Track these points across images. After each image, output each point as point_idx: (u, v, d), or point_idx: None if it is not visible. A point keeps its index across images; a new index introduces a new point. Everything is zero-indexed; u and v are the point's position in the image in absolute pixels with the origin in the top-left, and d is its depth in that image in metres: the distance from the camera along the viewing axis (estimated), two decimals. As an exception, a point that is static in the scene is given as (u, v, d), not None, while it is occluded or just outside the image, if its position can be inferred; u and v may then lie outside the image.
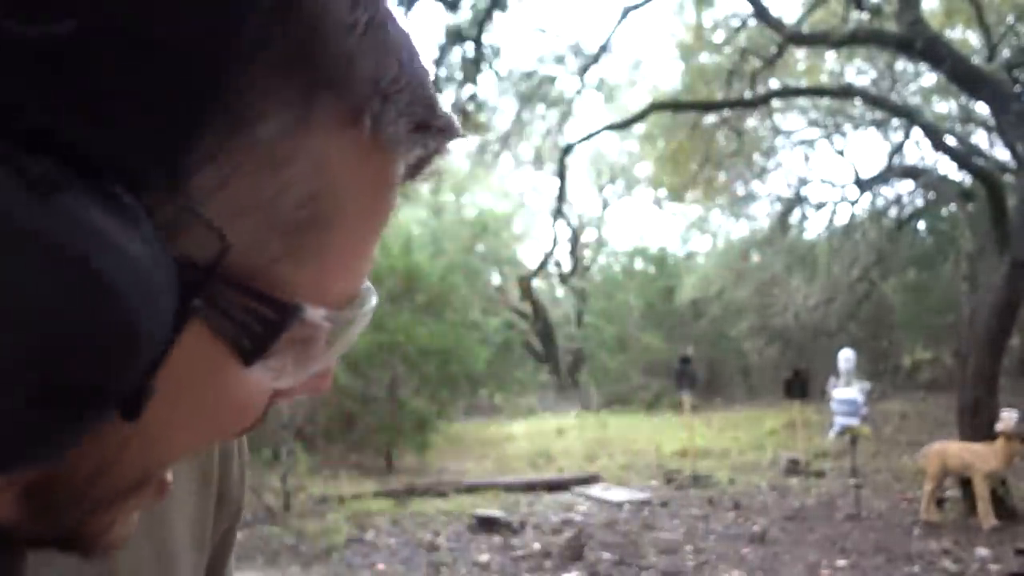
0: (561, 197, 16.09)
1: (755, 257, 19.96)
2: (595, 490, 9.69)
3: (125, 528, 0.37)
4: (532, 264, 26.78)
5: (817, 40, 9.71)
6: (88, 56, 0.24)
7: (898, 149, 16.60)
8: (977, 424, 7.68)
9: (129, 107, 0.25)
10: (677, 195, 18.56)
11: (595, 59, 11.61)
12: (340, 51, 0.30)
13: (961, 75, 8.12)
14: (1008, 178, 10.10)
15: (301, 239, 0.31)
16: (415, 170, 0.36)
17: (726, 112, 12.76)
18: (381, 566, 6.49)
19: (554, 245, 25.41)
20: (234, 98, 0.28)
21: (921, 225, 17.49)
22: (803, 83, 13.82)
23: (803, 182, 18.27)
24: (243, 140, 0.29)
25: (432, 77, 0.35)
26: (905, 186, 16.78)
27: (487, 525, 7.51)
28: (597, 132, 13.59)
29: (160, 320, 0.27)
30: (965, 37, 13.58)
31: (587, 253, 28.87)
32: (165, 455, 0.35)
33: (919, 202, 16.79)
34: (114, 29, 0.24)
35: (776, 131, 17.21)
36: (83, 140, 0.25)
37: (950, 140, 12.00)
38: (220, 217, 0.29)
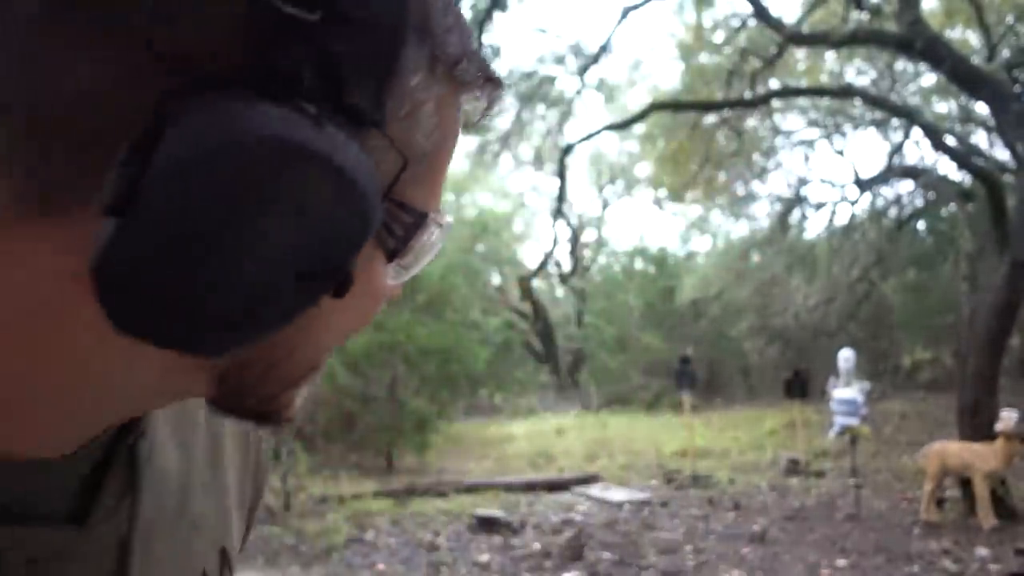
0: (561, 197, 16.11)
1: (755, 257, 19.95)
2: (595, 490, 9.69)
3: (296, 406, 0.46)
4: (532, 264, 26.79)
5: (817, 40, 9.71)
6: (331, 33, 0.34)
7: (898, 149, 16.61)
8: (977, 424, 7.68)
9: (356, 68, 0.35)
10: (677, 195, 18.55)
11: (595, 59, 11.61)
12: (444, 24, 0.41)
13: (961, 75, 8.12)
14: (1008, 178, 10.10)
15: (421, 165, 0.42)
16: (483, 115, 0.47)
17: (726, 112, 12.76)
18: (381, 566, 6.49)
19: (554, 245, 25.44)
20: (402, 60, 0.38)
21: (921, 225, 17.49)
22: (803, 83, 13.82)
23: (803, 182, 18.27)
24: (403, 89, 0.39)
25: None
26: (905, 186, 16.79)
27: (487, 525, 7.52)
28: (597, 132, 13.60)
29: (377, 215, 0.36)
30: (965, 37, 13.59)
31: (587, 253, 28.87)
32: (333, 340, 0.44)
33: (919, 202, 16.79)
34: (343, 15, 0.34)
35: (776, 131, 17.21)
36: (333, 90, 0.35)
37: (950, 140, 12.00)
38: (412, 144, 0.40)
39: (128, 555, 0.47)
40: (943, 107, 15.62)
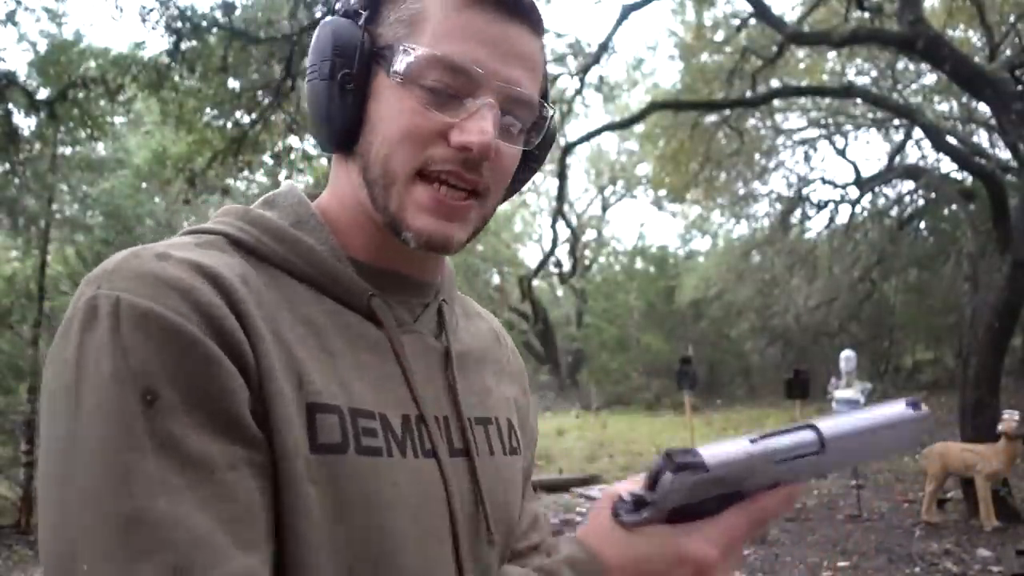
0: (561, 197, 16.08)
1: (756, 257, 19.93)
2: (595, 491, 9.66)
3: (420, 220, 0.69)
4: (532, 264, 26.77)
5: (818, 39, 9.68)
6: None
7: (899, 149, 16.59)
8: (979, 425, 7.66)
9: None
10: (677, 195, 18.52)
11: (595, 59, 11.58)
12: None
13: (962, 75, 8.09)
14: (1009, 178, 10.07)
15: (411, 26, 0.69)
16: None
17: (727, 112, 12.74)
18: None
19: (554, 245, 25.38)
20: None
21: (922, 225, 17.46)
22: (804, 82, 13.79)
23: (804, 182, 18.25)
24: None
25: None
26: (906, 186, 16.77)
27: (487, 526, 7.48)
28: (597, 132, 13.55)
29: (358, 46, 0.70)
30: (967, 36, 13.57)
31: (587, 253, 28.85)
32: (389, 135, 0.69)
33: (920, 202, 16.77)
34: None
35: (777, 131, 17.19)
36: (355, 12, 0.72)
37: (951, 140, 11.97)
38: (394, 23, 0.71)
39: (449, 357, 0.76)
40: (944, 107, 15.61)
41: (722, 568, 0.59)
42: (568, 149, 12.89)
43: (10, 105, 8.77)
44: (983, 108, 11.71)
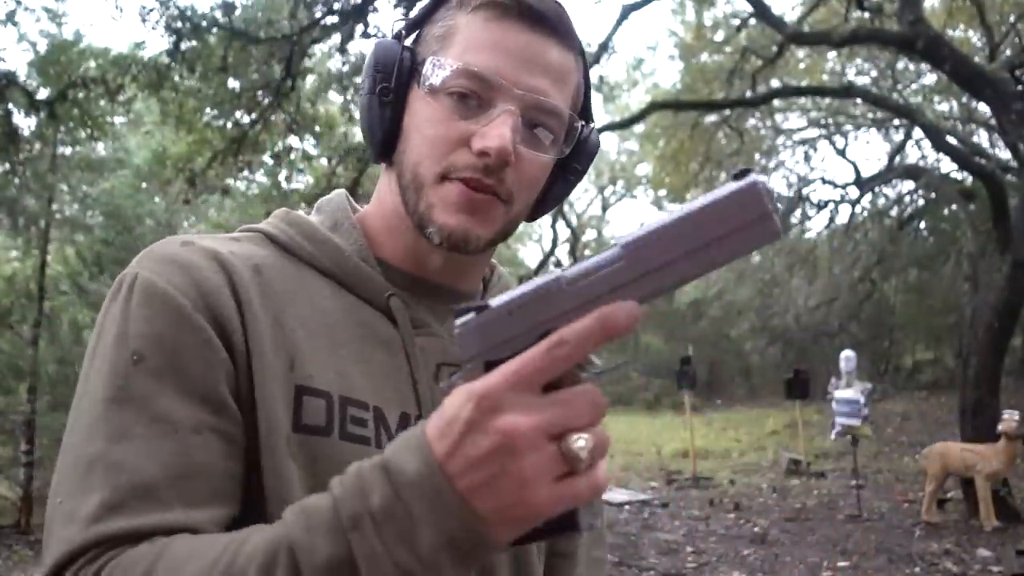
0: (561, 197, 16.01)
1: (755, 257, 19.92)
2: (595, 491, 9.65)
3: (445, 217, 0.73)
4: (532, 264, 26.77)
5: (818, 39, 9.67)
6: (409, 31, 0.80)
7: (899, 149, 16.58)
8: (979, 425, 7.65)
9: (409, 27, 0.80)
10: (677, 195, 18.52)
11: (595, 59, 11.58)
12: None
13: (962, 75, 8.09)
14: (1009, 178, 10.07)
15: (443, 41, 0.74)
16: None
17: (727, 112, 12.73)
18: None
19: (554, 245, 25.35)
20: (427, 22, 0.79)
21: (922, 225, 17.45)
22: (804, 82, 13.79)
23: (804, 182, 18.24)
24: (439, 16, 0.77)
25: None
26: (906, 186, 16.76)
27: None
28: (597, 132, 13.54)
29: (407, 66, 0.76)
30: (967, 36, 13.56)
31: (587, 253, 28.85)
32: (420, 143, 0.74)
33: (920, 202, 16.76)
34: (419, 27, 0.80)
35: (777, 131, 17.19)
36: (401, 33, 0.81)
37: (951, 140, 11.97)
38: (429, 39, 0.76)
39: None
40: (944, 107, 15.60)
41: (513, 400, 0.49)
42: (568, 149, 12.89)
43: (10, 105, 8.77)
44: (983, 108, 11.70)
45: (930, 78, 14.45)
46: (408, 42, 0.78)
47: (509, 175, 0.72)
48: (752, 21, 11.32)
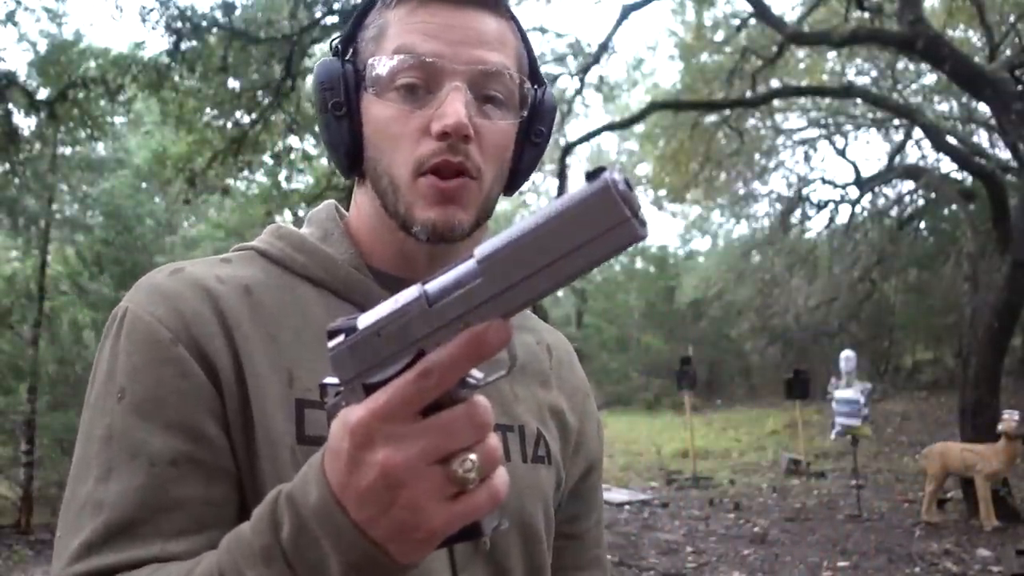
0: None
1: (756, 257, 19.92)
2: (595, 491, 9.65)
3: (426, 212, 0.73)
4: (532, 264, 26.70)
5: (818, 39, 9.68)
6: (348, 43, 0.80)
7: (899, 149, 16.57)
8: (979, 425, 7.65)
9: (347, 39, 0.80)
10: (677, 195, 18.52)
11: (595, 59, 11.58)
12: None
13: (962, 75, 8.09)
14: (1009, 178, 10.07)
15: (377, 41, 0.75)
16: None
17: (727, 112, 12.73)
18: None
19: (554, 245, 25.36)
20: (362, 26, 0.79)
21: (922, 225, 17.45)
22: (804, 82, 13.79)
23: (804, 182, 18.24)
24: (370, 20, 0.78)
25: None
26: (906, 186, 16.76)
27: (487, 526, 7.48)
28: (597, 132, 13.54)
29: (351, 76, 0.77)
30: (967, 36, 13.56)
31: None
32: (386, 156, 0.75)
33: (920, 202, 16.76)
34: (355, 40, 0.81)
35: (777, 131, 17.19)
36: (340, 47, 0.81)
37: (951, 140, 11.97)
38: (366, 44, 0.77)
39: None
40: (944, 107, 15.60)
41: (386, 433, 0.48)
42: (568, 149, 12.88)
43: (10, 105, 8.77)
44: (983, 108, 11.70)
45: (930, 78, 14.45)
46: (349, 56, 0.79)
47: (473, 149, 0.73)
48: (752, 21, 11.32)
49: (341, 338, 0.52)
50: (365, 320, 0.52)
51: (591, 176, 0.47)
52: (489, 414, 0.51)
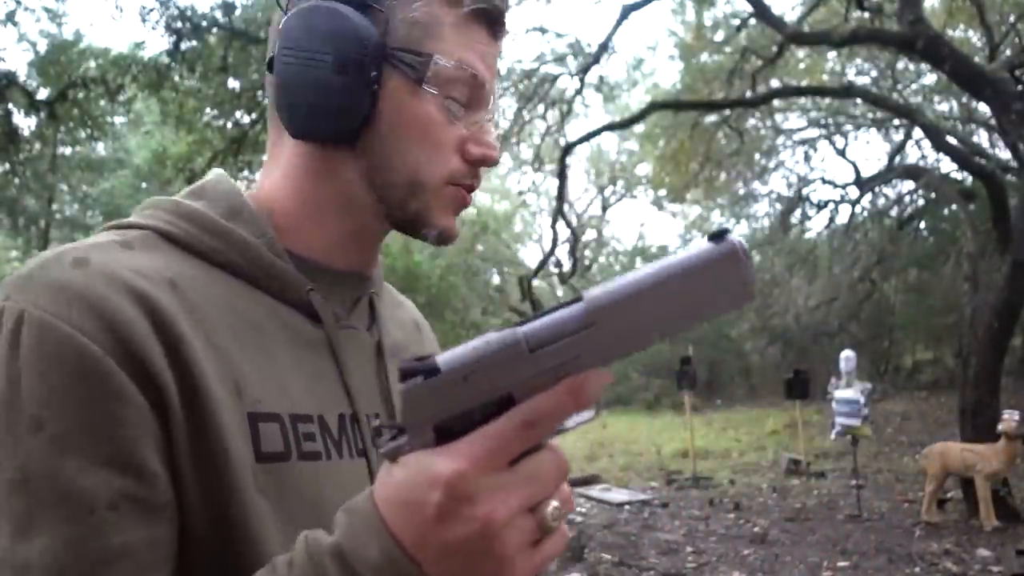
0: (561, 197, 16.06)
1: (756, 257, 19.93)
2: (595, 491, 9.66)
3: (445, 220, 0.72)
4: (532, 264, 26.73)
5: (818, 39, 9.67)
6: None
7: (899, 149, 16.58)
8: (979, 425, 7.65)
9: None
10: (677, 195, 18.52)
11: (595, 59, 11.57)
12: None
13: (962, 75, 8.09)
14: (1009, 178, 10.07)
15: (426, 31, 0.68)
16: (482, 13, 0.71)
17: (727, 112, 12.73)
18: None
19: (554, 245, 25.31)
20: None
21: (922, 225, 17.45)
22: (804, 82, 13.79)
23: (804, 182, 18.24)
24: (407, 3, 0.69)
25: None
26: (906, 186, 16.77)
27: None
28: (597, 132, 13.53)
29: (373, 42, 0.67)
30: (967, 36, 13.56)
31: (587, 253, 28.83)
32: (412, 150, 0.69)
33: (920, 202, 16.76)
34: None
35: (777, 131, 17.19)
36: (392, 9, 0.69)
37: (951, 140, 11.97)
38: (404, 23, 0.68)
39: (381, 352, 0.76)
40: (944, 107, 15.60)
41: (487, 485, 0.46)
42: (568, 149, 12.88)
43: (10, 105, 8.77)
44: (983, 108, 11.70)
45: (930, 78, 14.45)
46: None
47: None
48: (752, 21, 11.32)
49: (418, 379, 0.48)
50: (448, 361, 0.48)
51: (715, 237, 0.47)
52: (566, 459, 0.50)
